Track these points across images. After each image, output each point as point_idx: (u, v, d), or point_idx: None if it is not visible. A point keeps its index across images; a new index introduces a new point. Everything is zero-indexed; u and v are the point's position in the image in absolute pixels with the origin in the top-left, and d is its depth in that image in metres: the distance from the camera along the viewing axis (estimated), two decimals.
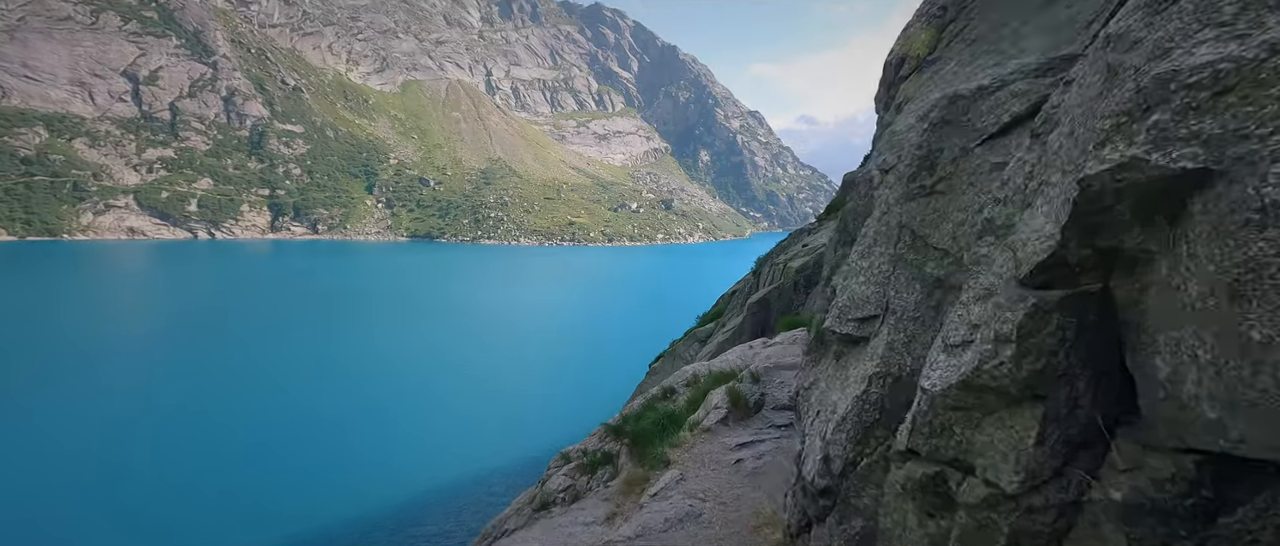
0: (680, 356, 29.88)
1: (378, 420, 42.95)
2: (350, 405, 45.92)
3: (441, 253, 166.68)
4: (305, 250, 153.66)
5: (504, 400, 48.75)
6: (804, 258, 21.66)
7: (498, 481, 33.79)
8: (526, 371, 57.50)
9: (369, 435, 40.17)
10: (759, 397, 4.79)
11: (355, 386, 50.30)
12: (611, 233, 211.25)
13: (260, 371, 53.77)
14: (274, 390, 48.93)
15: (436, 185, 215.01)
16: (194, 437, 38.66)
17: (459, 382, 52.92)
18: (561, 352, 65.03)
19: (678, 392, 8.07)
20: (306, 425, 41.71)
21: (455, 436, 40.55)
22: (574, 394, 49.96)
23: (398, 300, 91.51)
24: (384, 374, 54.11)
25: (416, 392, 49.44)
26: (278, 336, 67.03)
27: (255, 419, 42.42)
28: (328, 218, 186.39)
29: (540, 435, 40.43)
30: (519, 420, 43.75)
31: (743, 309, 24.54)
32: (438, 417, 44.22)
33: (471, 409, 46.41)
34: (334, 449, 37.92)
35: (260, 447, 37.68)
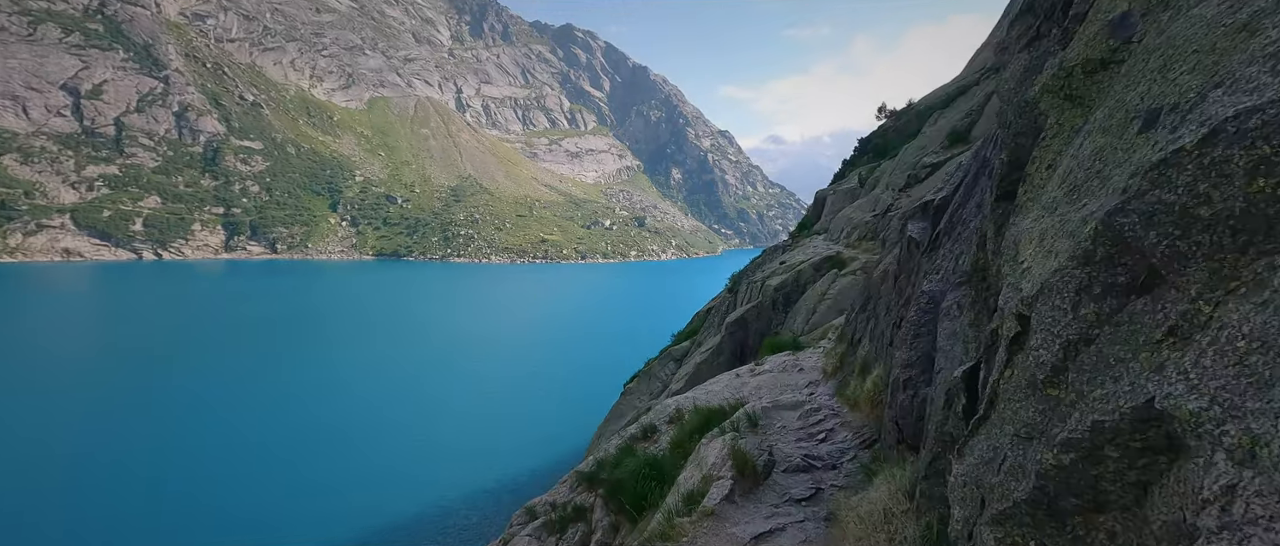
0: (656, 376, 29.02)
1: (329, 453, 40.12)
2: (299, 435, 42.85)
3: (409, 271, 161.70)
4: (263, 270, 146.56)
5: (470, 424, 46.51)
6: (782, 275, 21.20)
7: (459, 516, 31.76)
8: (495, 393, 55.26)
9: (318, 468, 37.38)
10: (768, 457, 3.95)
11: (307, 414, 47.14)
12: (584, 250, 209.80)
13: (201, 400, 49.91)
14: (212, 420, 45.36)
15: (404, 203, 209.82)
16: (112, 479, 35.11)
17: (422, 406, 50.33)
18: (533, 373, 62.97)
19: (660, 431, 7.16)
20: (248, 458, 38.57)
21: (416, 464, 38.15)
22: (546, 416, 48.14)
23: (359, 320, 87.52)
24: (340, 399, 50.99)
25: (374, 418, 46.66)
26: (224, 362, 62.75)
27: (189, 452, 39.00)
28: (288, 236, 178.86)
29: (509, 462, 38.53)
30: (486, 446, 41.63)
31: (720, 328, 23.86)
32: (397, 443, 41.69)
33: (435, 434, 44.01)
34: (279, 485, 35.04)
35: (192, 485, 34.49)
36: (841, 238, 23.61)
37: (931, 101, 33.84)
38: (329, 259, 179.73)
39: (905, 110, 42.31)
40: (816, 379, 7.57)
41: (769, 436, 4.68)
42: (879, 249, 19.72)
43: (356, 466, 37.79)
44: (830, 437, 4.46)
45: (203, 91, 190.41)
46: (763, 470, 3.79)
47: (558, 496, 7.00)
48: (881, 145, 38.92)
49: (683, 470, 5.04)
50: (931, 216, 3.42)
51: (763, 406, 5.38)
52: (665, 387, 24.67)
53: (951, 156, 19.55)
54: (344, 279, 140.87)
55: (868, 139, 43.03)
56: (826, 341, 12.27)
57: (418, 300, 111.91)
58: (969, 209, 2.81)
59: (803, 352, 11.62)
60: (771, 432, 4.85)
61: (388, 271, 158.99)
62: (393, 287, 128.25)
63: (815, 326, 16.50)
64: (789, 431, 4.77)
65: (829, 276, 19.41)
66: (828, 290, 18.32)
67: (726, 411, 6.36)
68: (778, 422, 4.98)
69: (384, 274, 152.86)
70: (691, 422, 6.49)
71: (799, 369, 8.49)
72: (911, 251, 3.55)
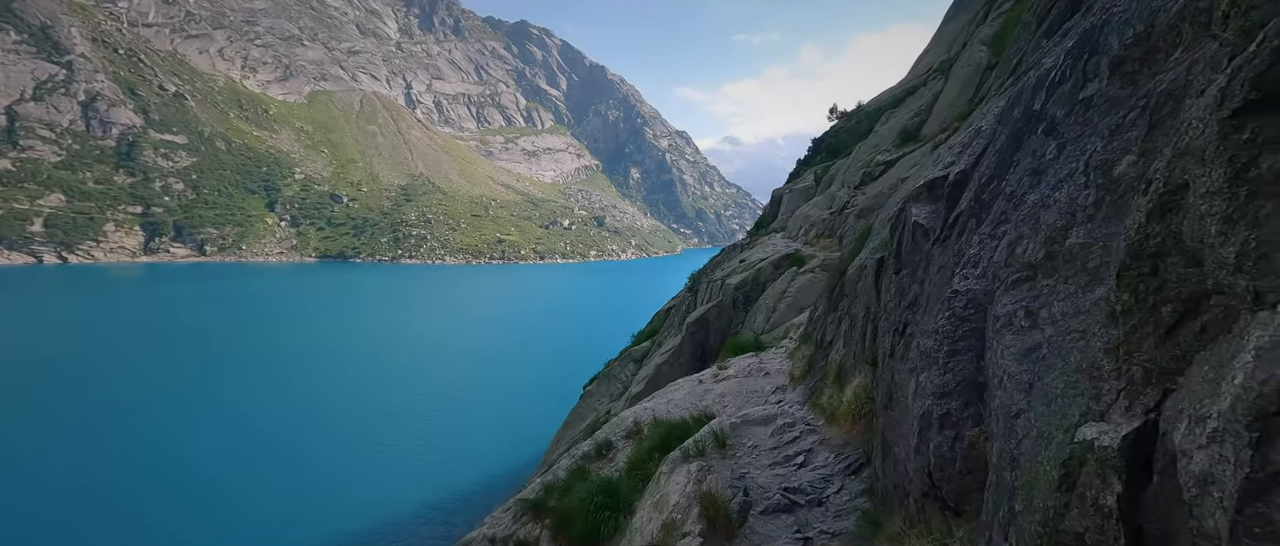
0: (616, 377, 28.31)
1: (257, 468, 36.96)
2: (223, 449, 39.31)
3: (356, 273, 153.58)
4: (189, 273, 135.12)
5: (420, 432, 44.19)
6: (742, 274, 20.91)
7: (408, 531, 29.90)
8: (448, 398, 52.86)
9: (243, 486, 34.31)
10: (742, 498, 3.24)
11: (235, 427, 43.39)
12: (543, 250, 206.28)
13: (120, 412, 44.98)
14: (129, 433, 40.94)
15: (350, 202, 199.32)
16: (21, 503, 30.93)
17: (366, 415, 47.40)
18: (489, 376, 60.77)
19: (616, 449, 6.38)
20: (164, 473, 34.95)
21: (360, 479, 35.73)
22: (503, 422, 46.42)
23: (298, 324, 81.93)
24: (272, 411, 47.29)
25: (314, 430, 43.47)
26: (141, 372, 56.99)
27: (100, 468, 34.94)
28: (218, 237, 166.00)
29: (463, 471, 36.79)
30: (438, 455, 39.58)
31: (681, 328, 23.38)
32: (341, 456, 38.95)
33: (381, 445, 41.48)
34: (193, 504, 31.88)
35: (110, 504, 30.85)
36: (799, 235, 23.63)
37: (880, 102, 34.74)
38: (266, 261, 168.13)
39: (855, 111, 43.49)
40: (783, 384, 7.02)
41: (739, 460, 4.02)
42: (836, 246, 19.75)
43: (291, 483, 34.94)
44: (809, 461, 3.85)
45: (115, 80, 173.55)
46: (737, 515, 3.10)
47: (498, 528, 6.09)
48: (834, 145, 39.73)
49: (640, 503, 4.28)
50: (945, 196, 2.82)
51: (731, 423, 4.71)
52: (625, 389, 24.01)
53: (904, 154, 19.81)
54: (283, 281, 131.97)
55: (821, 139, 43.94)
56: (789, 341, 11.87)
57: (365, 302, 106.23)
58: (1014, 180, 2.19)
59: (766, 353, 11.15)
60: (741, 454, 4.19)
61: (333, 273, 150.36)
62: (338, 290, 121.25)
63: (776, 325, 16.20)
64: (761, 453, 4.12)
65: (788, 274, 19.23)
66: (787, 288, 18.11)
67: (690, 426, 5.66)
68: (748, 441, 4.33)
69: (329, 276, 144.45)
70: (651, 439, 5.75)
71: (764, 372, 7.94)
72: (917, 241, 2.95)
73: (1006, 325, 1.96)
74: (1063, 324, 1.70)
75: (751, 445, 4.25)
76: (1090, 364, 1.50)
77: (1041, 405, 1.64)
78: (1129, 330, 1.42)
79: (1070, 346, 1.62)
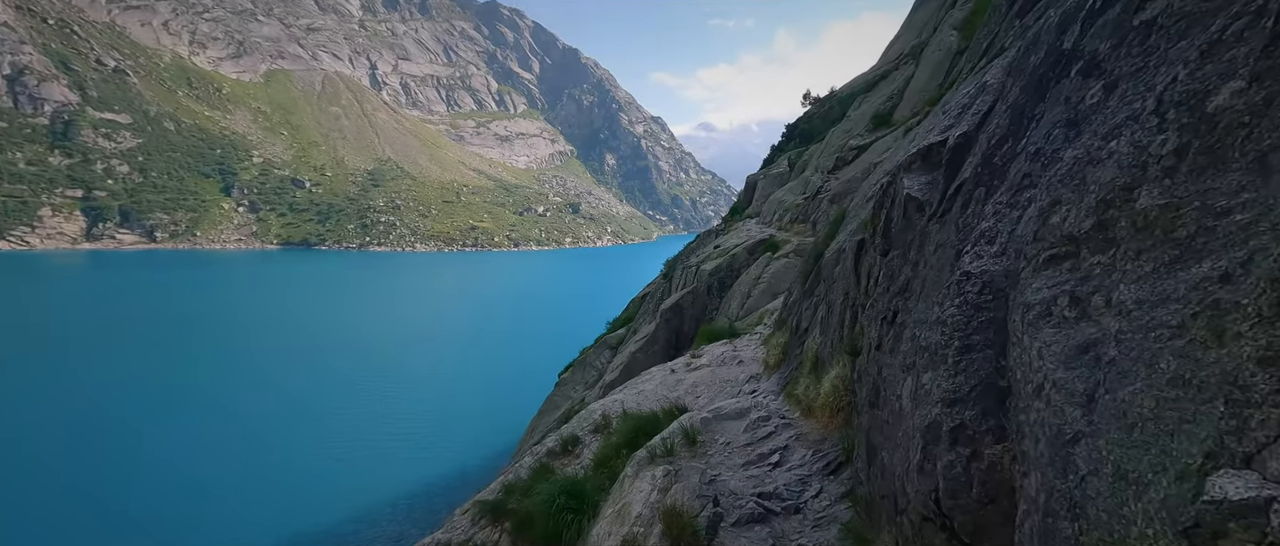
0: (591, 365, 28.07)
1: (220, 460, 35.39)
2: (188, 442, 37.47)
3: (322, 261, 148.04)
4: (137, 261, 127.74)
5: (391, 423, 43.05)
6: (717, 260, 20.69)
7: (380, 526, 29.14)
8: (421, 389, 51.62)
9: (208, 476, 32.82)
10: (712, 511, 2.89)
11: (196, 419, 41.37)
12: (517, 237, 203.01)
13: (71, 403, 42.27)
14: (86, 425, 38.57)
15: (314, 187, 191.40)
16: None
17: (332, 406, 45.89)
18: (463, 365, 59.61)
19: (583, 444, 6.00)
20: (125, 466, 33.11)
21: (326, 472, 34.61)
22: (476, 411, 45.62)
23: (259, 315, 78.54)
24: (230, 404, 45.29)
25: (273, 426, 41.83)
26: (99, 365, 53.69)
27: (51, 463, 32.81)
28: (169, 223, 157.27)
29: (435, 463, 36.03)
30: (410, 447, 38.66)
31: (655, 315, 23.12)
32: (304, 448, 37.62)
33: (349, 436, 40.25)
34: (159, 497, 30.35)
35: (68, 502, 29.01)
36: (774, 220, 23.53)
37: (853, 88, 34.82)
38: (223, 248, 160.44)
39: (828, 97, 43.66)
40: (757, 372, 6.75)
41: (711, 459, 3.69)
42: (810, 231, 19.70)
43: (246, 482, 33.56)
44: (785, 459, 3.55)
45: (46, 53, 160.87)
46: (706, 529, 2.75)
47: (454, 533, 5.66)
48: (807, 130, 39.84)
49: (604, 508, 3.91)
50: (945, 164, 2.45)
51: (701, 417, 4.38)
52: (600, 377, 23.76)
53: (877, 138, 19.79)
54: (243, 269, 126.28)
55: (795, 125, 44.03)
56: (763, 327, 11.67)
57: (332, 291, 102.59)
58: (1039, 136, 1.81)
59: (740, 340, 10.92)
60: (713, 452, 3.86)
61: (297, 261, 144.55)
62: (302, 278, 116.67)
63: (750, 311, 16.05)
64: (734, 450, 3.80)
65: (763, 260, 19.10)
66: (762, 274, 17.97)
67: (660, 420, 5.31)
68: (720, 437, 4.01)
69: (292, 264, 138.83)
70: (620, 433, 5.39)
71: (738, 360, 7.65)
72: (909, 217, 2.61)
73: (1043, 316, 1.56)
74: (1139, 315, 1.26)
75: (723, 441, 3.92)
76: (1223, 377, 1.06)
77: (1117, 429, 1.21)
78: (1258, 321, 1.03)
79: (1160, 348, 1.19)
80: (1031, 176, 1.78)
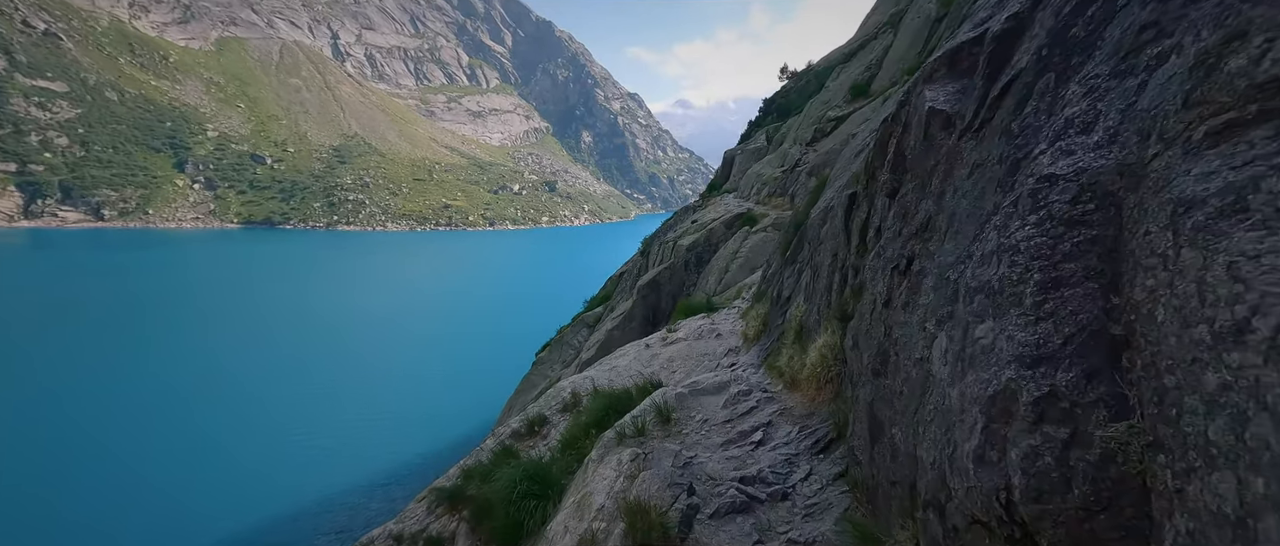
0: (568, 344, 27.75)
1: (182, 450, 34.00)
2: (151, 431, 35.82)
3: (286, 240, 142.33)
4: (82, 241, 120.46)
5: (367, 406, 42.08)
6: (694, 235, 20.30)
7: (356, 511, 28.51)
8: (395, 371, 50.48)
9: (167, 468, 31.51)
10: (685, 504, 2.45)
11: (153, 406, 39.54)
12: (493, 216, 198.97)
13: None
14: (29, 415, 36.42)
15: (276, 163, 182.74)
16: None
17: (304, 388, 44.52)
18: (437, 346, 58.47)
19: (550, 423, 5.56)
20: (79, 457, 31.48)
21: (296, 458, 33.64)
22: (454, 392, 44.93)
23: (218, 296, 75.16)
24: (191, 389, 43.45)
25: (236, 411, 40.34)
26: (36, 350, 50.61)
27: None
28: (118, 200, 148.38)
29: (411, 445, 35.39)
30: (385, 429, 37.84)
31: (632, 291, 22.73)
32: (273, 433, 36.46)
33: (324, 419, 39.17)
34: (119, 490, 29.02)
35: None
36: (752, 195, 23.19)
37: (831, 61, 34.38)
38: (179, 227, 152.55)
39: (805, 71, 43.23)
40: (736, 345, 6.37)
41: (686, 439, 3.28)
42: (789, 205, 19.42)
43: (212, 465, 32.34)
44: (769, 436, 3.17)
45: None
46: (678, 526, 2.31)
47: (408, 523, 5.20)
48: (785, 105, 39.44)
49: (567, 496, 3.47)
50: (983, 63, 1.95)
51: (677, 392, 3.96)
52: (577, 355, 23.48)
53: (855, 109, 19.48)
54: (200, 249, 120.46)
55: (772, 99, 43.57)
56: (742, 301, 11.34)
57: (298, 272, 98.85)
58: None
59: (718, 314, 10.57)
60: (689, 431, 3.45)
61: (259, 241, 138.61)
62: (265, 259, 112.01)
63: (729, 285, 15.76)
64: (712, 428, 3.40)
65: (740, 234, 18.78)
66: (740, 248, 17.67)
67: (633, 397, 4.89)
68: (696, 414, 3.60)
69: (254, 244, 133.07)
70: (590, 413, 4.96)
71: (716, 334, 7.27)
72: (931, 138, 2.15)
73: (1225, 215, 1.02)
74: None
75: (701, 419, 3.51)
76: None
77: None
78: None
79: None
80: (1158, 24, 1.29)
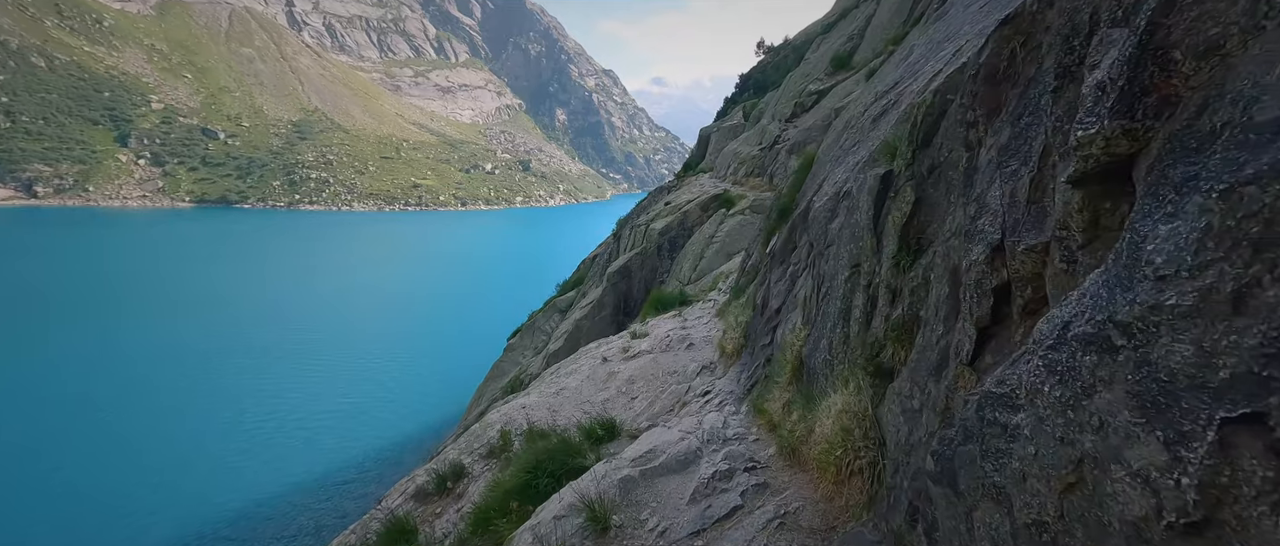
0: (540, 329, 26.69)
1: (122, 446, 31.57)
2: (77, 427, 33.14)
3: (243, 220, 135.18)
4: (12, 219, 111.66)
5: (331, 393, 40.14)
6: (667, 218, 19.02)
7: (317, 507, 26.94)
8: (362, 357, 48.29)
9: (104, 467, 29.19)
10: None
11: (100, 392, 36.67)
12: (465, 196, 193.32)
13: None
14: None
15: (229, 138, 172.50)
16: None
17: (265, 376, 42.08)
18: (406, 332, 56.28)
19: (468, 476, 4.30)
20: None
21: (255, 451, 31.69)
22: (422, 380, 43.27)
23: (170, 278, 70.58)
24: (135, 382, 40.53)
25: (193, 401, 37.80)
26: None
27: None
28: (52, 176, 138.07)
29: (378, 435, 33.81)
30: (351, 419, 36.05)
31: (602, 277, 21.46)
32: (231, 431, 34.28)
33: (280, 409, 37.09)
34: (53, 487, 26.68)
35: None
36: (728, 174, 21.98)
37: (810, 33, 33.10)
38: (124, 206, 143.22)
39: (783, 45, 41.87)
40: (711, 360, 5.19)
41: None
42: (768, 185, 18.28)
43: (161, 459, 30.13)
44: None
45: None
46: None
47: None
48: (762, 80, 38.19)
49: None
50: None
51: (623, 475, 2.71)
52: (547, 343, 22.37)
53: (837, 82, 18.33)
54: (147, 230, 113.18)
55: (748, 75, 42.20)
56: (717, 293, 10.19)
57: (256, 252, 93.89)
58: None
59: (691, 309, 9.38)
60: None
61: (214, 220, 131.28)
62: (219, 238, 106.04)
63: (704, 273, 14.61)
64: (671, 538, 2.18)
65: (716, 217, 17.61)
66: (716, 232, 16.50)
67: (572, 448, 3.64)
68: (651, 517, 2.37)
69: (208, 223, 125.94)
70: (516, 471, 3.71)
71: (686, 342, 6.06)
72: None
73: None
74: None
75: (655, 526, 2.30)
76: None
77: None
78: None
79: None
80: None
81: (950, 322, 1.65)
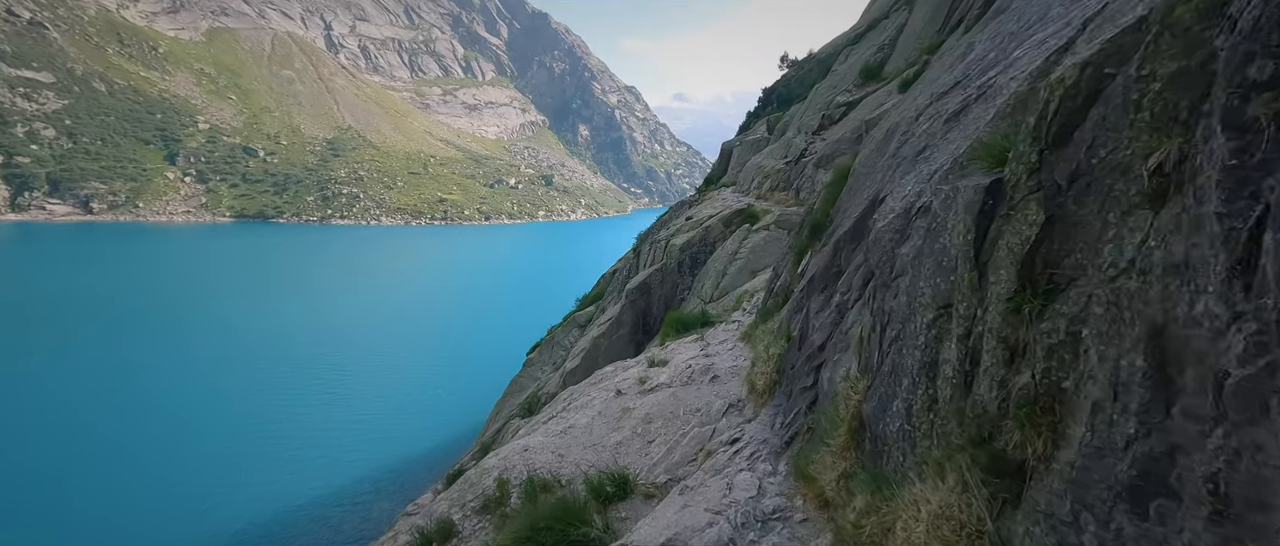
0: (559, 344, 26.30)
1: (159, 452, 32.21)
2: (123, 430, 34.03)
3: (280, 235, 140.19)
4: (71, 234, 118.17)
5: (355, 404, 40.59)
6: (688, 233, 18.44)
7: (343, 512, 26.86)
8: (385, 368, 48.84)
9: (145, 473, 29.75)
10: None
11: (135, 404, 37.72)
12: (489, 210, 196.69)
13: None
14: None
15: (268, 156, 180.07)
16: None
17: (290, 386, 42.80)
18: (428, 345, 56.82)
19: (458, 534, 3.73)
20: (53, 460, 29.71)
21: (282, 458, 31.98)
22: (443, 393, 43.40)
23: (211, 290, 73.17)
24: (176, 388, 41.62)
25: (219, 410, 38.55)
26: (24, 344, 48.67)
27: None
28: (107, 193, 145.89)
29: (399, 446, 33.86)
30: (373, 430, 36.22)
31: (621, 293, 20.94)
32: (258, 434, 34.77)
33: (311, 418, 37.59)
34: (90, 492, 27.28)
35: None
36: (751, 188, 21.30)
37: (836, 45, 32.42)
38: (170, 221, 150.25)
39: (807, 59, 41.19)
40: (739, 397, 4.57)
41: None
42: (793, 199, 17.57)
43: (194, 467, 30.62)
44: None
45: None
46: None
47: None
48: (785, 94, 37.57)
49: None
50: None
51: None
52: (566, 358, 21.92)
53: (867, 93, 17.59)
54: (192, 243, 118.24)
55: (772, 88, 41.64)
56: (742, 313, 9.50)
57: (291, 266, 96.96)
58: None
59: (713, 332, 8.72)
60: None
61: (253, 235, 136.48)
62: (259, 253, 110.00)
63: (726, 291, 13.93)
64: None
65: (740, 233, 16.94)
66: (739, 248, 15.82)
67: (579, 510, 3.08)
68: None
69: (247, 237, 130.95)
70: (509, 538, 3.12)
71: (710, 374, 5.44)
72: None
73: None
74: None
75: None
76: None
77: None
78: None
79: None
80: None
81: (1152, 417, 1.02)
